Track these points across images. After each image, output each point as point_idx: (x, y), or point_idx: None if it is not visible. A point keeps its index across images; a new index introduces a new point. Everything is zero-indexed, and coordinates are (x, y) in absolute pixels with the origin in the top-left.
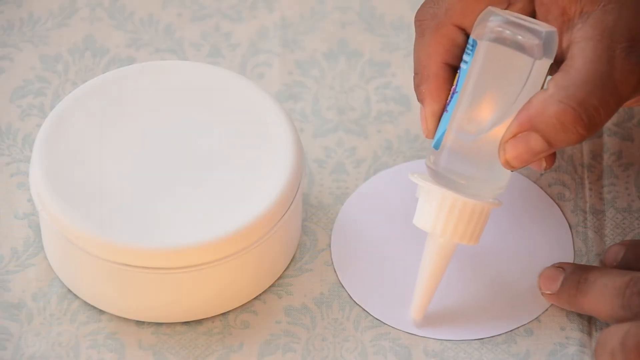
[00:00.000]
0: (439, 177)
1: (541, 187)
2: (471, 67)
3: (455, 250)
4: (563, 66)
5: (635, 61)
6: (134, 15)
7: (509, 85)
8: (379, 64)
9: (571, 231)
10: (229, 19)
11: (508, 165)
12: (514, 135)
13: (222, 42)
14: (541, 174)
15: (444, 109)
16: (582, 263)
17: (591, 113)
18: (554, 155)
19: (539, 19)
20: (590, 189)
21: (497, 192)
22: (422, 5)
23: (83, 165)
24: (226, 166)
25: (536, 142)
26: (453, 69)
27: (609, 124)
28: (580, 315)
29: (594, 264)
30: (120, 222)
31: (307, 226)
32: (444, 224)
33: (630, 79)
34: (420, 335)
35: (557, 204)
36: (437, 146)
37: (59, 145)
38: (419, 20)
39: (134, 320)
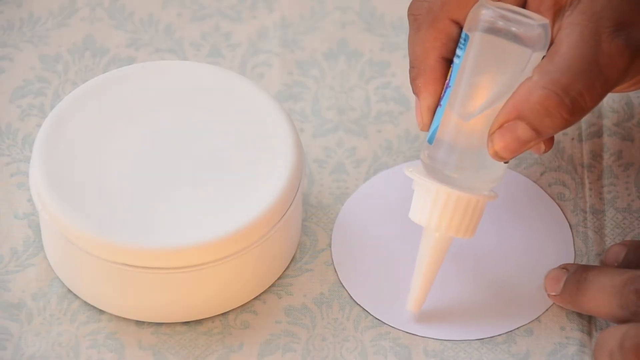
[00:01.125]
0: (434, 171)
1: (541, 187)
2: (464, 59)
3: (456, 251)
4: (549, 52)
5: (623, 44)
6: (133, 15)
7: (502, 77)
8: (378, 64)
9: (571, 231)
10: (229, 19)
11: (497, 156)
12: (501, 125)
13: (222, 42)
14: (541, 174)
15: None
16: (583, 263)
17: (575, 97)
18: (551, 138)
19: (531, 10)
20: (590, 189)
21: (491, 185)
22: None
23: (83, 165)
24: (226, 166)
25: (523, 130)
26: (449, 63)
27: (609, 124)
28: (580, 315)
29: (595, 264)
30: (120, 222)
31: (307, 226)
32: (439, 218)
33: (618, 62)
34: (420, 335)
35: (557, 203)
36: (430, 140)
37: (59, 145)
38: (414, 14)
39: (134, 320)
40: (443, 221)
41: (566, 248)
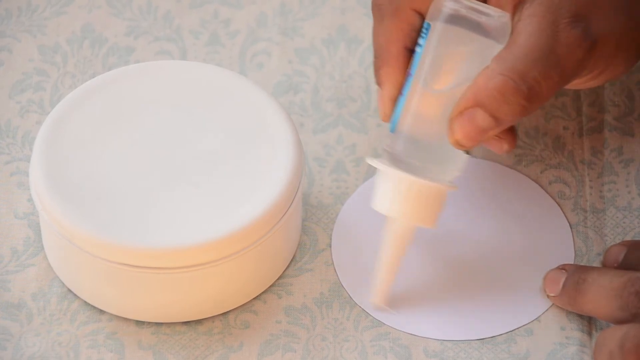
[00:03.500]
0: (396, 160)
1: (541, 186)
2: (425, 48)
3: (455, 251)
4: (508, 42)
5: (580, 35)
6: (132, 1)
7: (462, 65)
8: None
9: (572, 231)
10: (227, 5)
11: (458, 144)
12: (460, 113)
13: (221, 30)
14: (541, 171)
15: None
16: (583, 263)
17: (531, 84)
18: (513, 135)
19: (492, 5)
20: (591, 187)
21: (454, 174)
22: None
23: (83, 165)
24: (226, 166)
25: (482, 117)
26: (412, 53)
27: (609, 119)
28: (580, 315)
29: (595, 264)
30: (120, 222)
31: (307, 226)
32: (401, 206)
33: (575, 52)
34: (420, 335)
35: (557, 203)
36: (393, 129)
37: (59, 145)
38: (378, 4)
39: (134, 320)
40: (406, 210)
41: (566, 248)
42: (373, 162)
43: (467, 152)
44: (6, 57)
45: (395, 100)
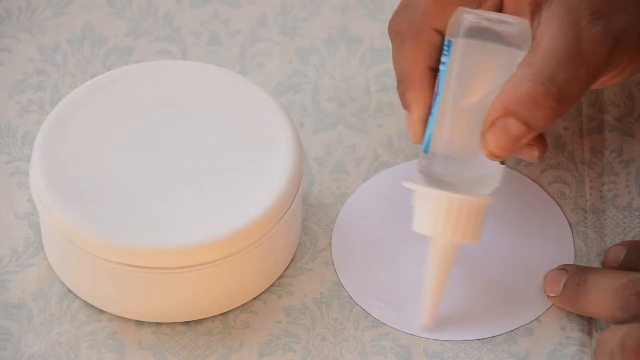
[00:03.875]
0: (432, 180)
1: (541, 186)
2: (450, 65)
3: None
4: (530, 47)
5: (602, 31)
6: (132, 2)
7: (488, 77)
8: (379, 50)
9: (572, 231)
10: (228, 5)
11: (492, 156)
12: (492, 124)
13: (221, 30)
14: (542, 172)
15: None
16: (583, 263)
17: (561, 86)
18: (543, 142)
19: (510, 13)
20: (591, 187)
21: (491, 187)
22: (396, 14)
23: (83, 165)
24: (226, 166)
25: (514, 126)
26: (436, 73)
27: (609, 119)
28: (580, 315)
29: (595, 264)
30: (120, 222)
31: (307, 226)
32: (443, 225)
33: (599, 48)
34: (420, 335)
35: (557, 203)
36: (426, 149)
37: (59, 145)
38: (396, 29)
39: (134, 320)
40: (448, 228)
41: (566, 248)
42: (411, 186)
43: (502, 162)
44: (6, 57)
45: (425, 121)
